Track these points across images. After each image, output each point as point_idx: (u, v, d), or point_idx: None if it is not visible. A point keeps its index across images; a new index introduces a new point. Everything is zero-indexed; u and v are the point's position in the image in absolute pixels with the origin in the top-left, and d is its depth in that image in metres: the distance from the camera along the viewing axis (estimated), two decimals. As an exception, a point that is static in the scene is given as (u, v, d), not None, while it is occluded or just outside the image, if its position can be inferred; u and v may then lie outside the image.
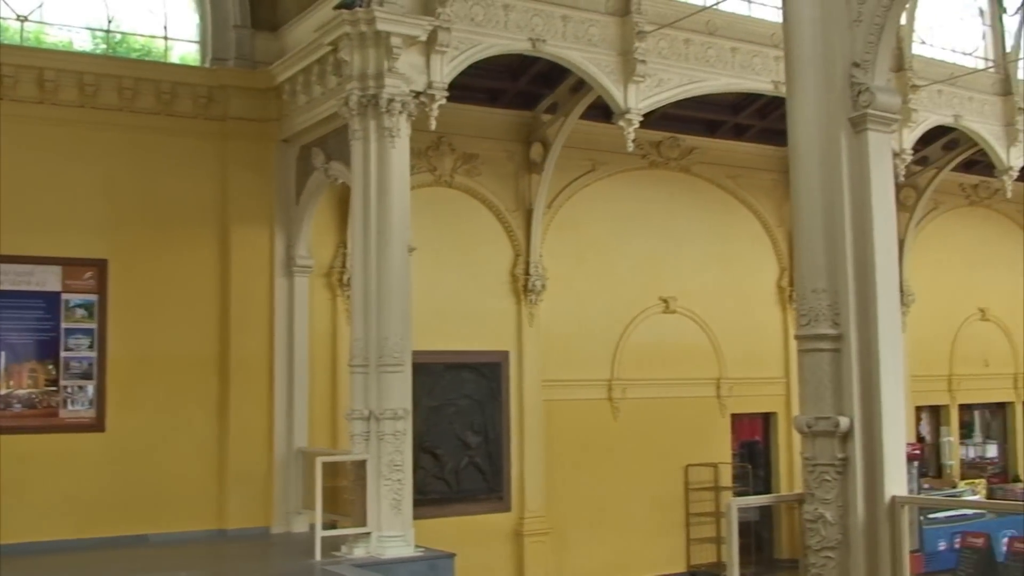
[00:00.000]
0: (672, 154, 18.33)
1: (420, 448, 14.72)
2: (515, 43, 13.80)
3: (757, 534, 18.49)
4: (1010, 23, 20.90)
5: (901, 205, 20.69)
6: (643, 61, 14.62)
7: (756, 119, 18.43)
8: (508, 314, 16.64)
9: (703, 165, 18.73)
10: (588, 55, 14.40)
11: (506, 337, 16.57)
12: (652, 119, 15.88)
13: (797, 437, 8.37)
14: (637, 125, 14.70)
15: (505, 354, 16.53)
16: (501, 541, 16.26)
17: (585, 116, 16.20)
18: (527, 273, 16.66)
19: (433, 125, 13.02)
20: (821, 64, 8.04)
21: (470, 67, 13.54)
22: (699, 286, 18.56)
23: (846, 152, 7.91)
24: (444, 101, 12.99)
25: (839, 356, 7.74)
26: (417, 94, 12.74)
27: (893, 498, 7.60)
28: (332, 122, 13.46)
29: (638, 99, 14.70)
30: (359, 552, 11.86)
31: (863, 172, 7.88)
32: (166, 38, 15.17)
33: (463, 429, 16.12)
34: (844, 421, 7.61)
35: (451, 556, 12.19)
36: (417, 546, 12.13)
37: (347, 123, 12.60)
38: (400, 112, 12.39)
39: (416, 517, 12.34)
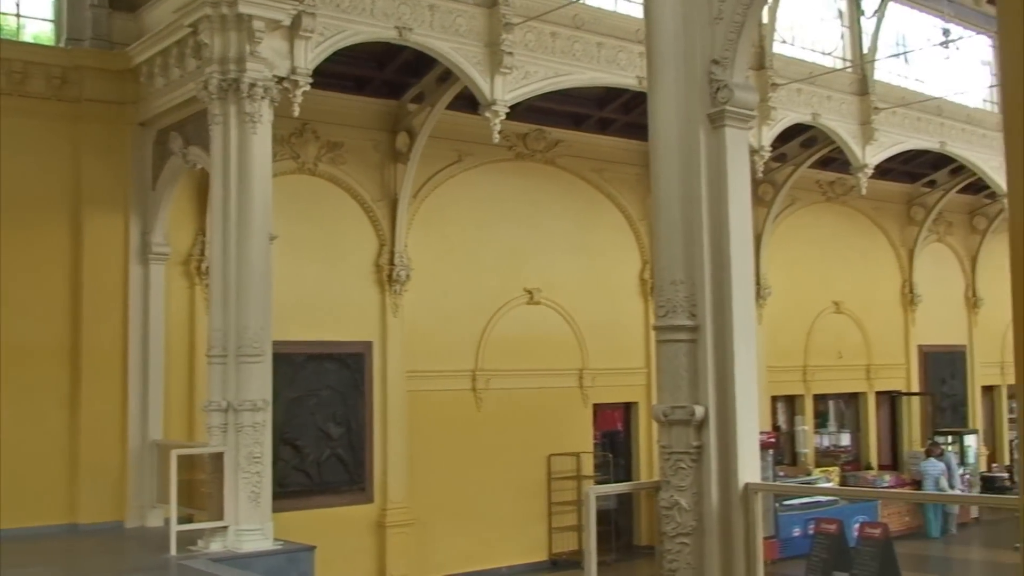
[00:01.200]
0: (538, 146, 18.43)
1: (280, 440, 14.54)
2: (381, 31, 13.70)
3: (617, 522, 18.78)
4: (867, 25, 21.60)
5: (759, 200, 21.24)
6: (510, 53, 14.69)
7: (621, 113, 18.67)
8: (372, 304, 16.51)
9: (568, 158, 18.89)
10: (455, 45, 14.38)
11: (370, 327, 16.45)
12: (518, 111, 15.99)
13: (657, 426, 8.48)
14: (503, 117, 14.78)
15: (368, 344, 16.41)
16: (363, 533, 16.15)
17: (451, 106, 16.16)
18: (392, 263, 16.56)
19: (296, 112, 12.85)
20: (682, 60, 8.15)
21: (335, 54, 13.40)
22: (563, 278, 18.72)
23: (704, 147, 8.04)
24: (308, 87, 12.84)
25: (695, 347, 7.87)
26: (280, 80, 12.54)
27: (746, 485, 7.76)
28: (191, 106, 13.14)
29: (504, 91, 14.76)
30: (216, 546, 11.66)
31: (720, 167, 8.01)
32: (18, 15, 14.59)
33: (325, 420, 15.94)
34: (699, 410, 7.75)
35: (311, 549, 12.06)
36: (276, 539, 11.99)
37: (207, 107, 12.33)
38: (262, 97, 12.18)
39: (276, 510, 12.21)
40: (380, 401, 16.45)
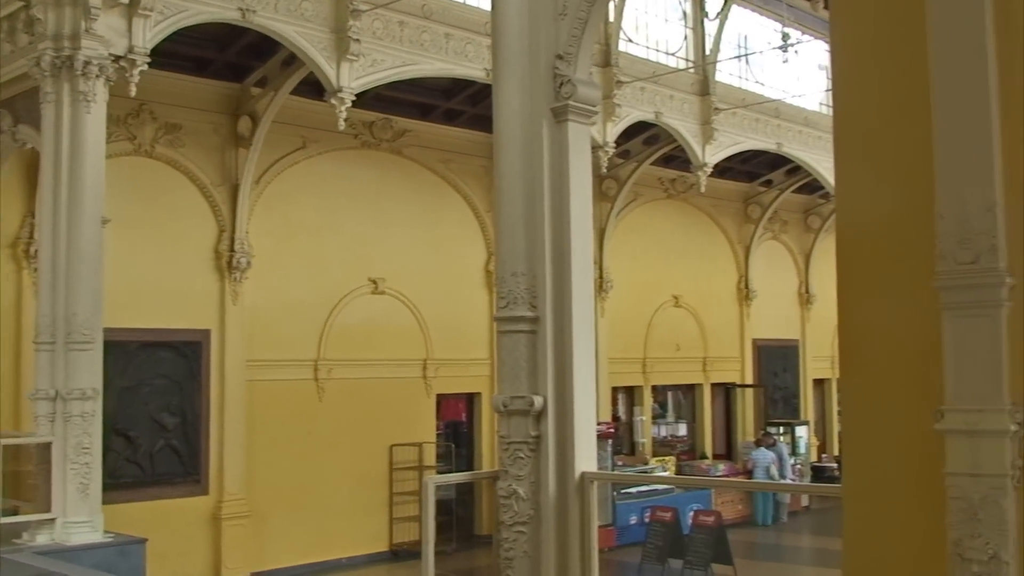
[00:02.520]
0: (384, 135, 18.31)
1: (112, 430, 14.11)
2: (224, 12, 13.42)
3: (458, 512, 18.84)
4: (711, 27, 22.15)
5: (603, 195, 21.59)
6: (357, 40, 14.57)
7: (468, 105, 18.68)
8: (210, 292, 16.15)
9: (415, 148, 18.82)
10: (300, 30, 14.18)
11: (207, 315, 16.08)
12: (365, 99, 15.86)
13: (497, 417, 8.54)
14: (349, 104, 14.66)
15: (206, 333, 16.04)
16: (198, 525, 15.82)
17: (296, 92, 15.95)
18: (232, 250, 16.22)
19: (133, 92, 12.51)
20: (527, 54, 8.19)
21: (176, 34, 13.07)
22: (408, 268, 18.66)
23: (547, 141, 8.10)
24: (146, 67, 12.50)
25: (535, 338, 7.94)
26: (117, 58, 12.17)
27: (583, 474, 7.87)
28: (22, 83, 12.64)
29: (351, 78, 14.63)
30: (42, 539, 11.30)
31: (563, 161, 8.08)
32: None
33: (159, 410, 15.54)
34: (538, 400, 7.82)
35: (143, 541, 11.78)
36: (106, 532, 11.69)
37: (38, 85, 11.87)
38: (97, 76, 11.79)
39: (106, 502, 11.91)
40: (217, 391, 16.12)
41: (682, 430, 25.35)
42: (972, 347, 4.41)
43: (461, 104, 18.73)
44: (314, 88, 15.34)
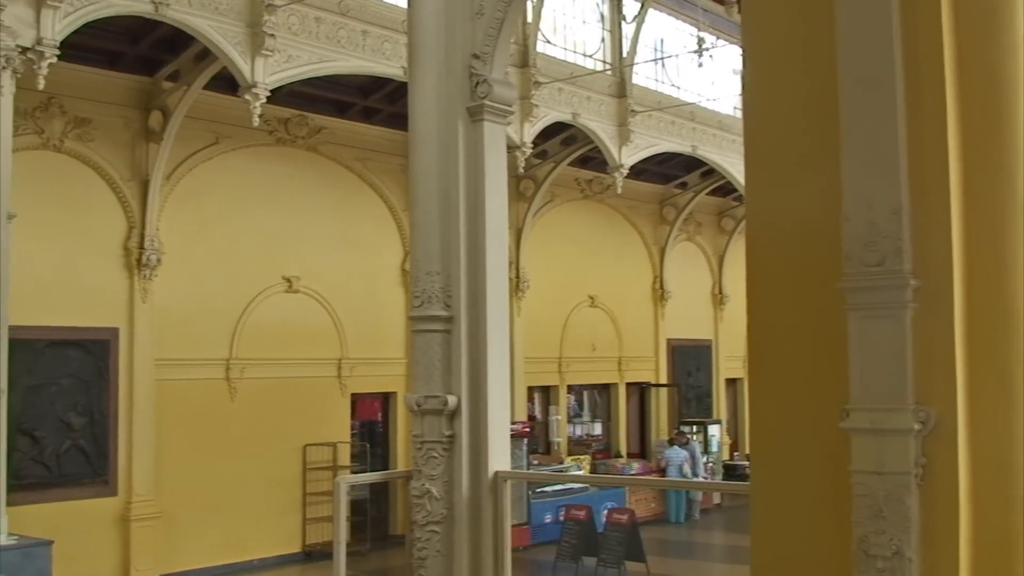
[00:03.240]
0: (300, 132, 18.12)
1: (17, 430, 13.75)
2: (136, 5, 13.20)
3: (372, 511, 18.74)
4: (628, 30, 22.33)
5: (520, 195, 21.65)
6: (272, 35, 14.43)
7: (385, 103, 18.59)
8: (119, 289, 15.82)
9: (331, 145, 18.67)
10: (214, 24, 13.99)
11: (116, 313, 15.76)
12: (280, 95, 15.70)
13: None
14: (264, 100, 14.51)
15: (115, 331, 15.72)
16: (106, 527, 15.50)
17: (210, 87, 15.72)
18: (141, 247, 15.91)
19: (41, 84, 12.27)
20: (443, 53, 8.18)
21: (86, 26, 12.83)
22: (324, 267, 18.49)
23: (463, 140, 8.10)
24: (55, 60, 12.25)
25: (450, 337, 7.94)
26: (24, 50, 11.89)
27: (496, 473, 7.88)
28: (-77, 73, 12.24)
29: (266, 73, 14.49)
30: (-59, 543, 10.96)
31: (478, 160, 8.09)
32: None
33: (66, 410, 15.18)
34: (452, 399, 7.82)
35: (48, 543, 11.59)
36: (11, 534, 11.47)
37: (-61, 75, 11.54)
38: (3, 68, 11.55)
39: (11, 504, 11.71)
40: (126, 390, 15.81)
41: (597, 429, 25.52)
42: (877, 347, 4.50)
43: (378, 102, 18.63)
44: (228, 83, 15.13)
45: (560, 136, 21.17)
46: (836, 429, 4.56)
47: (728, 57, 24.00)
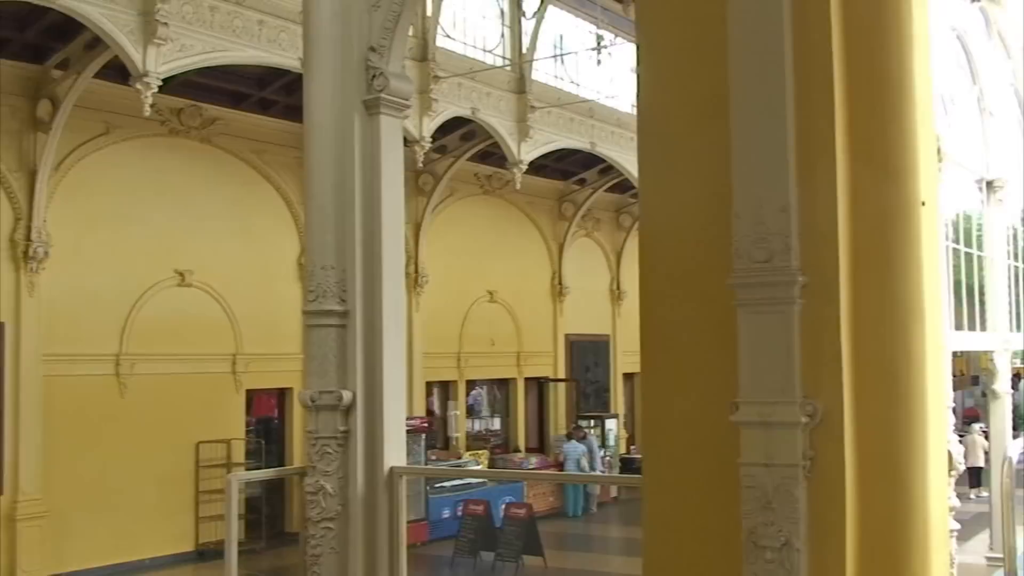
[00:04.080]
0: (193, 123, 17.77)
1: None
2: (22, -10, 12.78)
3: (267, 509, 18.51)
4: (528, 26, 22.40)
5: (420, 190, 21.58)
6: (165, 24, 14.13)
7: (282, 95, 18.31)
8: (5, 282, 15.36)
9: (226, 137, 18.35)
10: (105, 11, 13.66)
11: (2, 307, 15.29)
12: (173, 85, 15.42)
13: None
14: (156, 89, 14.21)
15: (1, 325, 15.25)
16: (-10, 527, 15.05)
17: (100, 75, 15.35)
18: (28, 239, 15.46)
19: (-81, 71, 11.76)
20: (339, 45, 8.07)
21: (-32, 11, 12.37)
22: (218, 260, 18.17)
23: (359, 133, 8.00)
24: (-65, 45, 11.78)
25: (345, 332, 7.84)
26: (-98, 34, 11.43)
27: (392, 469, 7.82)
28: None
29: (158, 63, 14.19)
30: None
31: (375, 154, 8.00)
32: None
33: (-54, 407, 14.72)
34: (347, 395, 7.73)
35: (-74, 546, 11.11)
36: None
37: None
38: None
39: None
40: (12, 386, 15.35)
41: (496, 424, 25.59)
42: (766, 342, 4.57)
43: (275, 93, 18.35)
44: (119, 72, 14.78)
45: (460, 131, 21.14)
46: (726, 422, 4.63)
47: (626, 55, 24.19)
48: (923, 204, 4.61)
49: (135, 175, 17.02)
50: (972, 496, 19.91)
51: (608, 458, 25.18)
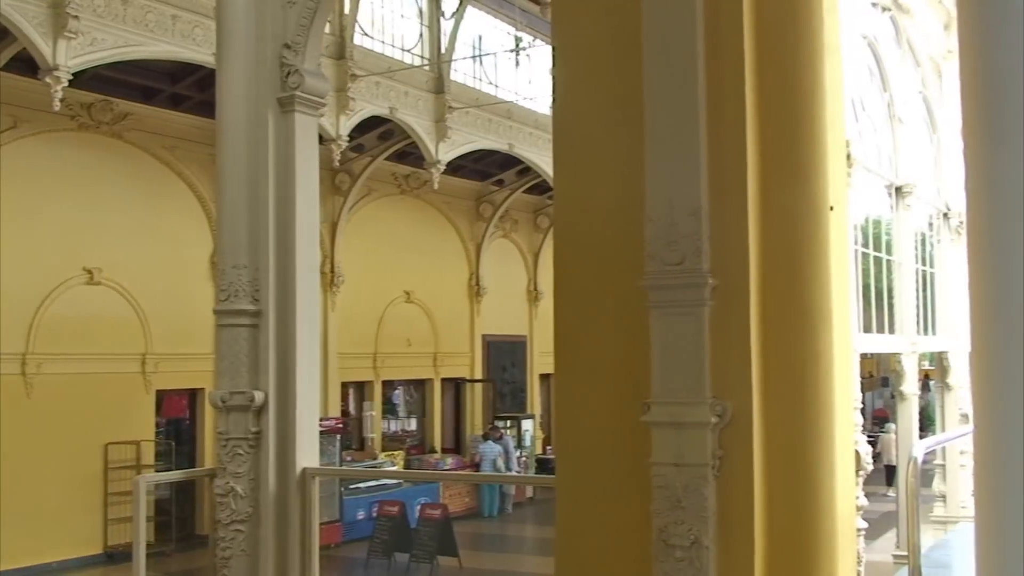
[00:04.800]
0: (104, 118, 17.43)
1: None
2: (-77, -21, 12.43)
3: (177, 511, 18.24)
4: (447, 26, 22.37)
5: (336, 189, 21.43)
6: (76, 17, 13.87)
7: (195, 91, 18.03)
8: (-96, 280, 14.94)
9: (137, 132, 18.02)
10: (13, 2, 13.37)
11: (-100, 305, 14.88)
12: (84, 79, 15.11)
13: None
14: (65, 83, 13.91)
15: (-100, 325, 14.85)
16: None
17: (8, 68, 15.01)
18: (-70, 236, 15.06)
19: None
20: (253, 41, 7.97)
21: None
22: (128, 258, 17.83)
23: (273, 131, 7.91)
24: None
25: (257, 332, 7.75)
26: None
27: (304, 470, 7.75)
28: None
29: (68, 56, 13.92)
30: None
31: (289, 152, 7.92)
32: None
33: None
34: (259, 395, 7.64)
35: None
36: None
37: None
38: None
39: None
40: (-88, 387, 14.94)
41: (412, 424, 25.52)
42: (677, 344, 4.62)
43: (188, 89, 18.07)
44: (28, 65, 14.44)
45: (377, 130, 21.04)
46: (638, 423, 4.66)
47: (545, 57, 24.33)
48: (831, 209, 4.69)
49: (43, 170, 16.65)
50: (890, 494, 20.28)
51: (524, 458, 25.26)
